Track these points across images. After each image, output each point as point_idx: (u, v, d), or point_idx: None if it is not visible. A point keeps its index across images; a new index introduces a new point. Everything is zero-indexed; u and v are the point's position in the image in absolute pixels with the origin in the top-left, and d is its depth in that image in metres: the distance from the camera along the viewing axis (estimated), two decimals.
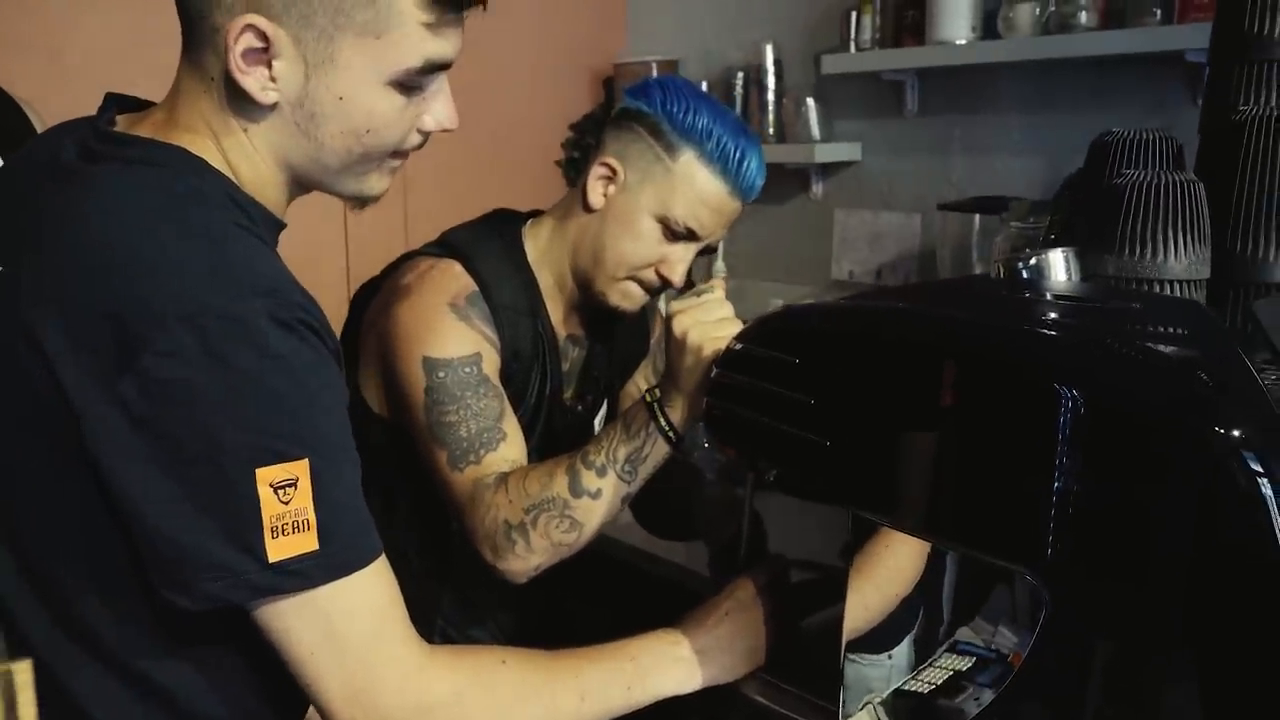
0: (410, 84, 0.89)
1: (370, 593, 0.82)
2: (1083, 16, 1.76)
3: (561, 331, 1.38)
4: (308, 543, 0.77)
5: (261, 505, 0.75)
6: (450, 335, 1.20)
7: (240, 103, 0.85)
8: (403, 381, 1.21)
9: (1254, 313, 0.93)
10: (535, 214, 1.39)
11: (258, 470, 0.75)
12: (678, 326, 1.08)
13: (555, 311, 1.36)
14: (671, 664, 1.02)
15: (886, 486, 0.88)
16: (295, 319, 0.79)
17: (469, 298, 1.24)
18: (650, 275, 1.29)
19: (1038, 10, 1.81)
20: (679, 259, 1.28)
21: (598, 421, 1.47)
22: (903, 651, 1.02)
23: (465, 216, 1.41)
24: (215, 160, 0.86)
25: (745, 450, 1.06)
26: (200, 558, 0.75)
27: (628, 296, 1.31)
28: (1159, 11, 1.69)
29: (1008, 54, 1.86)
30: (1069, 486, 0.76)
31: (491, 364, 1.23)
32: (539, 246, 1.34)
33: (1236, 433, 0.70)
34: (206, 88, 0.86)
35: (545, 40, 2.46)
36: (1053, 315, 0.90)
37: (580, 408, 1.42)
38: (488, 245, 1.31)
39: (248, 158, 0.88)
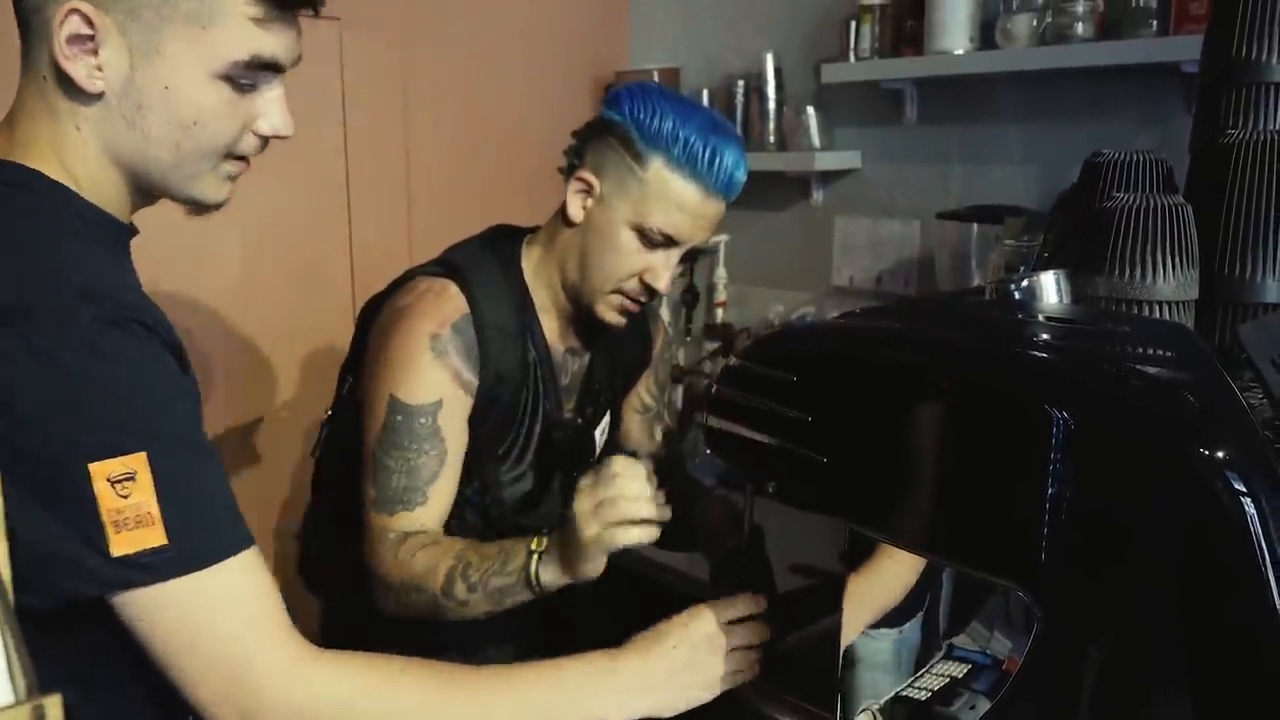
0: (240, 79, 0.89)
1: (233, 587, 0.81)
2: (1079, 27, 1.77)
3: (559, 346, 1.39)
4: (154, 537, 0.77)
5: (99, 500, 0.75)
6: (419, 379, 1.24)
7: (70, 96, 0.86)
8: (370, 406, 1.27)
9: (1239, 336, 0.94)
10: (536, 229, 1.41)
11: (91, 465, 0.75)
12: (577, 507, 1.10)
13: (552, 326, 1.38)
14: (603, 693, 1.00)
15: (882, 503, 0.90)
16: (124, 316, 0.80)
17: (455, 324, 1.26)
18: (635, 286, 1.29)
19: (1035, 21, 1.83)
20: (662, 266, 1.28)
21: (599, 433, 1.48)
22: (899, 658, 1.03)
23: (468, 225, 1.43)
24: (54, 171, 0.87)
25: (744, 465, 1.08)
26: (45, 554, 0.76)
27: (616, 310, 1.32)
28: (1155, 23, 1.70)
29: (1005, 64, 1.88)
30: (1059, 505, 0.77)
31: (453, 409, 1.27)
32: (533, 262, 1.36)
33: (1221, 454, 0.72)
34: (39, 87, 0.86)
35: (548, 49, 2.48)
36: (1044, 337, 0.92)
37: (580, 421, 1.44)
38: (485, 264, 1.33)
39: (83, 159, 0.88)
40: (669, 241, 1.26)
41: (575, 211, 1.29)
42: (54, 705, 0.35)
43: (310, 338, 2.19)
